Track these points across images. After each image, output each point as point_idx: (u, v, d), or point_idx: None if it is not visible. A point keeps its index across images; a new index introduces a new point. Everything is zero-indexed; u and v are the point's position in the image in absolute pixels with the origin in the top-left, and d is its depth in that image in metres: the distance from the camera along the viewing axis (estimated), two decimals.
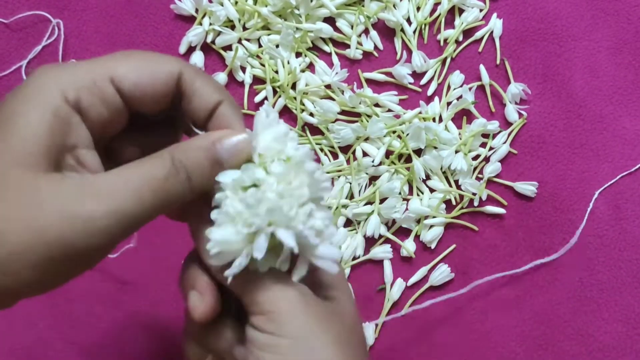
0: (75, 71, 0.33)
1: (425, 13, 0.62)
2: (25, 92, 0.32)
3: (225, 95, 0.36)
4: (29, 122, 0.31)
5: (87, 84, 0.32)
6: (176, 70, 0.34)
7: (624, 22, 0.62)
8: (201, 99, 0.35)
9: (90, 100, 0.32)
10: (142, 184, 0.31)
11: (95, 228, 0.30)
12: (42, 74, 0.32)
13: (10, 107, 0.31)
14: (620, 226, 0.59)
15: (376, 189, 0.58)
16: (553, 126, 0.61)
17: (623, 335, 0.57)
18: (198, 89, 0.35)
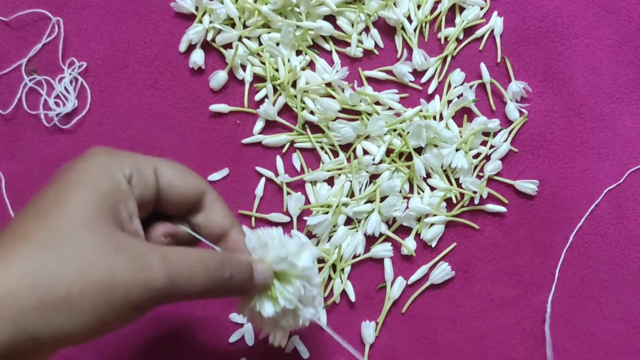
0: (130, 155, 0.38)
1: (426, 11, 0.61)
2: (95, 164, 0.36)
3: (235, 221, 0.42)
4: (103, 188, 0.35)
5: (139, 168, 0.38)
6: (204, 188, 0.41)
7: (625, 20, 0.62)
8: (217, 219, 0.41)
9: (137, 181, 0.37)
10: (198, 264, 0.37)
11: (154, 287, 0.34)
12: (105, 155, 0.37)
13: (75, 178, 0.35)
14: (621, 224, 0.58)
15: (377, 187, 0.57)
16: (554, 124, 0.60)
17: (624, 334, 0.57)
18: (217, 210, 0.41)
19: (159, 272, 0.34)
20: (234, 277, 0.39)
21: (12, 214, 0.58)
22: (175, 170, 0.40)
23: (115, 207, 0.35)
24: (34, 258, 0.31)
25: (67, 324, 0.31)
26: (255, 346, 0.56)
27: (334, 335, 0.45)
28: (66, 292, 0.31)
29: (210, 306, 0.57)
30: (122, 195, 0.36)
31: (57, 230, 0.33)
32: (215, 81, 0.60)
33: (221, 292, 0.39)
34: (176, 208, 0.40)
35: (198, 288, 0.36)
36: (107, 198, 0.35)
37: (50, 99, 0.60)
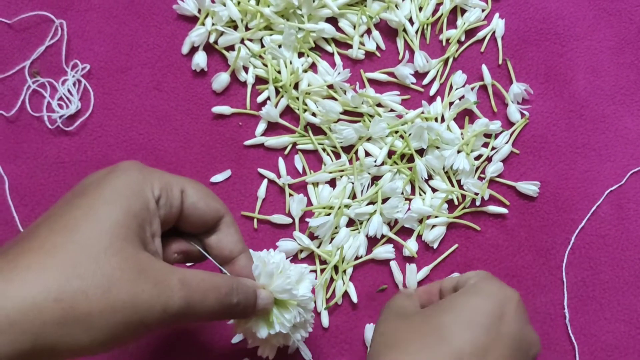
0: (160, 175, 0.39)
1: (428, 13, 0.61)
2: (126, 182, 0.37)
3: (245, 247, 0.44)
4: (132, 208, 0.36)
5: (167, 189, 0.39)
6: (222, 213, 0.42)
7: (626, 22, 0.62)
8: (229, 243, 0.43)
9: (164, 201, 0.38)
10: (212, 290, 0.38)
11: (171, 310, 0.35)
12: (138, 174, 0.38)
13: (107, 194, 0.36)
14: (622, 226, 0.58)
15: (378, 188, 0.57)
16: (555, 126, 0.60)
17: (626, 335, 0.57)
18: (230, 234, 0.43)
19: (177, 296, 0.35)
20: (240, 303, 0.40)
21: (16, 216, 0.58)
22: (199, 193, 0.41)
23: (142, 226, 0.36)
24: (61, 274, 0.32)
25: (84, 339, 0.32)
26: (256, 347, 0.56)
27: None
28: (88, 310, 0.32)
29: None
30: (149, 215, 0.37)
31: (84, 248, 0.33)
32: (218, 83, 0.60)
33: (227, 315, 0.40)
34: (193, 227, 0.42)
35: (208, 312, 0.38)
36: (136, 218, 0.36)
37: (53, 101, 0.60)
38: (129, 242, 0.35)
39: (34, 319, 0.31)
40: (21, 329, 0.30)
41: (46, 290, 0.31)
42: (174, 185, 0.39)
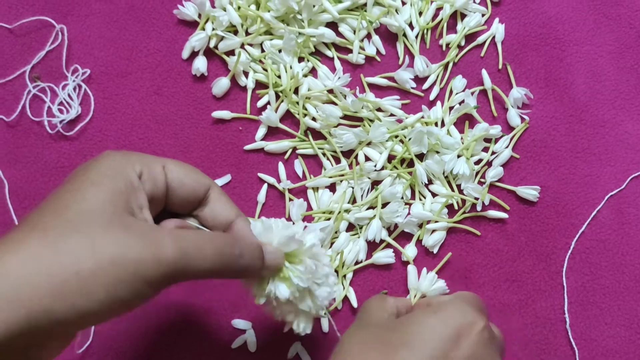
0: (140, 155, 0.40)
1: (428, 18, 0.60)
2: (108, 165, 0.37)
3: (240, 211, 0.43)
4: (117, 185, 0.36)
5: (148, 165, 0.39)
6: (208, 183, 0.42)
7: (626, 27, 0.61)
8: (222, 211, 0.42)
9: (147, 176, 0.39)
10: (208, 241, 0.38)
11: (165, 261, 0.34)
12: (119, 158, 0.38)
13: (92, 177, 0.36)
14: (623, 230, 0.58)
15: (378, 193, 0.56)
16: (555, 130, 0.59)
17: (626, 340, 0.56)
18: (222, 202, 0.42)
19: (169, 247, 0.35)
20: (244, 255, 0.39)
21: (16, 220, 0.57)
22: (182, 168, 0.41)
23: (127, 201, 0.36)
24: (51, 251, 0.32)
25: (80, 302, 0.32)
26: (257, 352, 0.55)
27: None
28: (76, 271, 0.32)
29: (213, 312, 0.56)
30: (133, 190, 0.37)
31: (74, 225, 0.33)
32: (218, 88, 0.59)
33: (232, 271, 0.39)
34: (184, 204, 0.42)
35: (208, 264, 0.37)
36: (122, 194, 0.36)
37: (53, 106, 0.59)
38: (113, 211, 0.35)
39: (28, 293, 0.31)
40: (16, 304, 0.30)
41: (37, 262, 0.32)
42: (155, 161, 0.40)
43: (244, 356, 0.56)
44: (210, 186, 0.42)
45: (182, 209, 0.42)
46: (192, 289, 0.56)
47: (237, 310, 0.56)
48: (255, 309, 0.56)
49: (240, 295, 0.56)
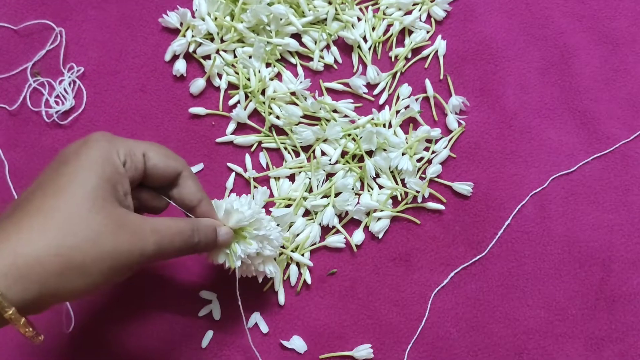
0: (125, 142, 0.35)
1: (380, 33, 0.51)
2: (95, 154, 0.33)
3: (204, 194, 0.39)
4: (106, 172, 0.32)
5: (131, 153, 0.35)
6: (180, 169, 0.38)
7: (551, 47, 0.52)
8: (189, 194, 0.38)
9: (130, 164, 0.35)
10: (177, 233, 0.35)
11: (147, 253, 0.33)
12: (107, 144, 0.34)
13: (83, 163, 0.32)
14: (544, 224, 0.48)
15: (332, 184, 0.47)
16: (488, 134, 0.50)
17: (545, 321, 0.46)
18: (189, 186, 0.38)
19: (151, 242, 0.33)
20: (201, 241, 0.37)
21: (15, 196, 0.48)
22: (159, 155, 0.37)
23: (115, 187, 0.33)
24: (58, 232, 0.30)
25: (81, 284, 0.30)
26: (221, 320, 0.46)
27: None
28: (82, 261, 0.30)
29: (183, 283, 0.47)
30: (119, 177, 0.33)
31: (74, 209, 0.31)
32: (195, 87, 0.50)
33: (192, 252, 0.37)
34: (158, 184, 0.38)
35: (176, 251, 0.35)
36: (110, 181, 0.32)
37: (51, 98, 0.50)
38: (108, 201, 0.32)
39: (40, 271, 0.29)
40: (29, 280, 0.29)
41: (47, 246, 0.29)
42: (137, 149, 0.35)
43: (209, 324, 0.46)
44: (181, 171, 0.38)
45: (155, 186, 0.38)
46: (167, 263, 0.47)
47: (204, 283, 0.47)
48: (220, 283, 0.47)
49: (207, 270, 0.47)
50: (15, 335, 0.45)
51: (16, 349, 0.45)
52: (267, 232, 0.41)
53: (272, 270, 0.43)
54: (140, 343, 0.46)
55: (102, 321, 0.46)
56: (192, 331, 0.46)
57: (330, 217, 0.47)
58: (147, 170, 0.36)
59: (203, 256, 0.47)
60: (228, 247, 0.40)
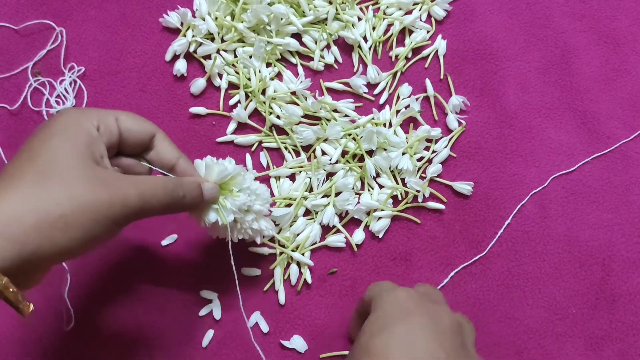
0: (98, 111, 0.35)
1: (380, 32, 0.51)
2: (68, 119, 0.33)
3: (182, 153, 0.39)
4: (78, 135, 0.32)
5: (103, 119, 0.35)
6: (154, 130, 0.38)
7: (552, 46, 0.52)
8: (166, 154, 0.38)
9: (104, 129, 0.34)
10: (159, 187, 0.34)
11: (129, 204, 0.32)
12: (76, 111, 0.34)
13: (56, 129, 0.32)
14: (544, 223, 0.48)
15: (332, 183, 0.47)
16: (488, 134, 0.50)
17: (545, 320, 0.46)
18: (165, 147, 0.38)
19: (133, 193, 0.32)
20: (187, 195, 0.36)
21: None
22: (131, 118, 0.36)
23: (90, 149, 0.32)
24: (32, 190, 0.29)
25: (62, 240, 0.29)
26: (222, 320, 0.46)
27: None
28: (60, 213, 0.29)
29: (183, 283, 0.47)
30: (93, 140, 0.33)
31: (47, 168, 0.30)
32: (195, 87, 0.50)
33: (179, 208, 0.36)
34: (134, 149, 0.37)
35: (161, 205, 0.34)
36: (83, 143, 0.32)
37: (51, 98, 0.50)
38: (83, 160, 0.32)
39: (17, 228, 0.28)
40: (7, 238, 0.28)
41: (22, 204, 0.29)
42: (108, 115, 0.35)
43: (210, 323, 0.46)
44: (155, 133, 0.38)
45: (132, 152, 0.38)
46: (167, 262, 0.47)
47: (205, 283, 0.47)
48: (221, 282, 0.47)
49: (208, 270, 0.47)
50: (12, 326, 0.45)
51: (16, 343, 0.45)
52: (253, 185, 0.40)
53: (268, 227, 0.42)
54: (141, 342, 0.45)
55: (103, 320, 0.46)
56: (193, 331, 0.46)
57: (330, 217, 0.47)
58: (122, 134, 0.36)
59: (205, 255, 0.47)
60: (216, 202, 0.39)
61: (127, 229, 0.46)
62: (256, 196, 0.41)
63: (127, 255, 0.47)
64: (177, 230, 0.48)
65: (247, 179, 0.40)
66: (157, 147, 0.38)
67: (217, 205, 0.39)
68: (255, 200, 0.41)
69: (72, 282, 0.46)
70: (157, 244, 0.47)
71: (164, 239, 0.47)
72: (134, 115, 0.37)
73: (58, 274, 0.46)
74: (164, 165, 0.38)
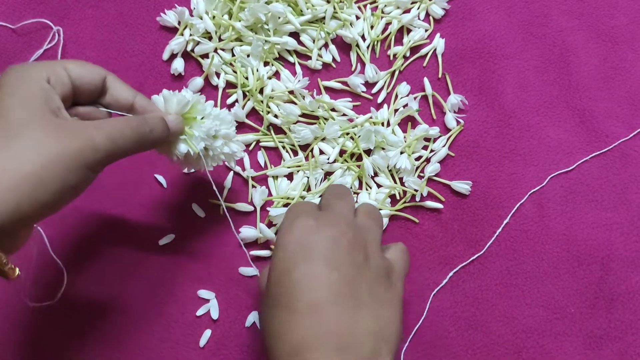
0: (45, 64, 0.34)
1: (378, 31, 0.51)
2: (16, 76, 0.32)
3: (137, 92, 0.38)
4: (31, 90, 0.32)
5: (52, 70, 0.34)
6: (104, 73, 0.37)
7: (550, 45, 0.52)
8: (121, 93, 0.37)
9: (54, 80, 0.34)
10: (124, 125, 0.34)
11: (99, 147, 0.32)
12: (23, 66, 0.33)
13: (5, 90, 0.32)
14: (543, 222, 0.48)
15: (330, 183, 0.47)
16: (486, 133, 0.50)
17: (544, 319, 0.46)
18: (119, 87, 0.37)
19: (99, 136, 0.32)
20: (154, 129, 0.36)
21: None
22: (79, 64, 0.35)
23: (45, 102, 0.32)
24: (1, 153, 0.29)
25: (40, 194, 0.29)
26: (219, 319, 0.46)
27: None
28: (32, 169, 0.29)
29: (181, 283, 0.46)
30: (46, 92, 0.32)
31: (8, 129, 0.30)
32: (193, 86, 0.49)
33: (148, 144, 0.36)
34: (88, 95, 0.36)
35: (130, 142, 0.34)
36: (36, 97, 0.32)
37: None
38: (41, 114, 0.31)
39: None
40: None
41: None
42: (57, 65, 0.34)
43: (207, 323, 0.46)
44: (105, 75, 0.37)
45: (87, 100, 0.36)
46: (164, 262, 0.47)
47: (203, 282, 0.47)
48: (219, 282, 0.46)
49: (205, 269, 0.47)
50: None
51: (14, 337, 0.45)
52: (214, 111, 0.40)
53: (238, 148, 0.43)
54: (138, 342, 0.45)
55: (98, 320, 0.45)
56: (190, 330, 0.46)
57: None
58: (74, 82, 0.35)
59: (202, 255, 0.47)
60: (183, 133, 0.39)
61: (126, 229, 0.47)
62: (220, 120, 0.41)
63: (124, 255, 0.47)
64: (174, 230, 0.47)
65: (207, 106, 0.40)
66: (110, 89, 0.37)
67: (185, 136, 0.39)
68: (220, 124, 0.41)
69: (68, 281, 0.46)
70: (155, 243, 0.47)
71: (161, 239, 0.47)
72: (82, 62, 0.36)
73: (56, 274, 0.46)
74: (121, 107, 0.37)
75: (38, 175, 0.29)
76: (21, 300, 0.45)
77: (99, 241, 0.47)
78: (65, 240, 0.47)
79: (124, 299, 0.46)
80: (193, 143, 0.39)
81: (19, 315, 0.45)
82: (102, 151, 0.32)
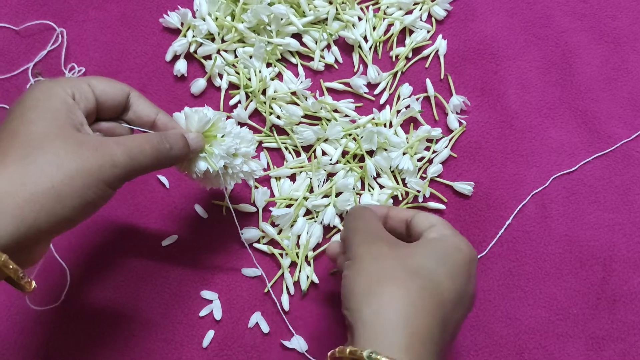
0: (70, 80, 0.34)
1: (380, 32, 0.51)
2: (41, 91, 0.32)
3: (159, 109, 0.38)
4: (54, 105, 0.32)
5: (77, 87, 0.34)
6: (128, 89, 0.37)
7: (552, 46, 0.52)
8: (144, 110, 0.37)
9: (79, 96, 0.34)
10: (145, 142, 0.34)
11: (118, 164, 0.32)
12: (48, 82, 0.34)
13: (30, 103, 0.32)
14: (545, 223, 0.48)
15: (333, 184, 0.47)
16: (489, 134, 0.50)
17: (546, 320, 0.46)
18: (142, 104, 0.37)
19: (119, 152, 0.32)
20: (173, 147, 0.36)
21: None
22: (103, 81, 0.36)
23: (68, 117, 0.32)
24: (19, 166, 0.29)
25: (58, 209, 0.29)
26: (222, 320, 0.46)
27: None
28: (51, 184, 0.29)
29: (184, 283, 0.47)
30: (69, 107, 0.33)
31: (30, 143, 0.30)
32: (196, 87, 0.50)
33: (167, 161, 0.36)
34: (111, 112, 0.36)
35: (150, 159, 0.34)
36: (59, 112, 0.32)
37: None
38: (63, 129, 0.31)
39: (11, 204, 0.28)
40: (2, 213, 0.28)
41: (12, 180, 0.29)
42: (81, 82, 0.35)
43: (210, 323, 0.46)
44: (129, 92, 0.37)
45: (111, 116, 0.37)
46: (168, 263, 0.47)
47: (206, 283, 0.47)
48: (221, 282, 0.46)
49: (209, 270, 0.47)
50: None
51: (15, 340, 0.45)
52: (235, 129, 0.40)
53: (257, 167, 0.43)
54: (141, 343, 0.45)
55: (102, 321, 0.46)
56: (193, 331, 0.46)
57: (331, 217, 0.46)
58: (98, 98, 0.35)
59: (205, 256, 0.47)
60: (203, 151, 0.39)
61: (129, 230, 0.47)
62: (240, 139, 0.41)
63: (128, 256, 0.47)
64: (178, 231, 0.47)
65: (228, 124, 0.40)
66: (133, 106, 0.37)
67: (205, 154, 0.39)
68: (240, 143, 0.41)
69: (72, 283, 0.46)
70: (158, 244, 0.47)
71: (165, 240, 0.47)
72: (106, 78, 0.36)
73: (57, 274, 0.46)
74: (143, 124, 0.37)
75: (57, 190, 0.29)
76: (24, 303, 0.45)
77: (102, 242, 0.47)
78: (68, 241, 0.47)
79: (127, 300, 0.46)
80: (213, 161, 0.39)
81: (22, 318, 0.45)
82: (121, 167, 0.32)
